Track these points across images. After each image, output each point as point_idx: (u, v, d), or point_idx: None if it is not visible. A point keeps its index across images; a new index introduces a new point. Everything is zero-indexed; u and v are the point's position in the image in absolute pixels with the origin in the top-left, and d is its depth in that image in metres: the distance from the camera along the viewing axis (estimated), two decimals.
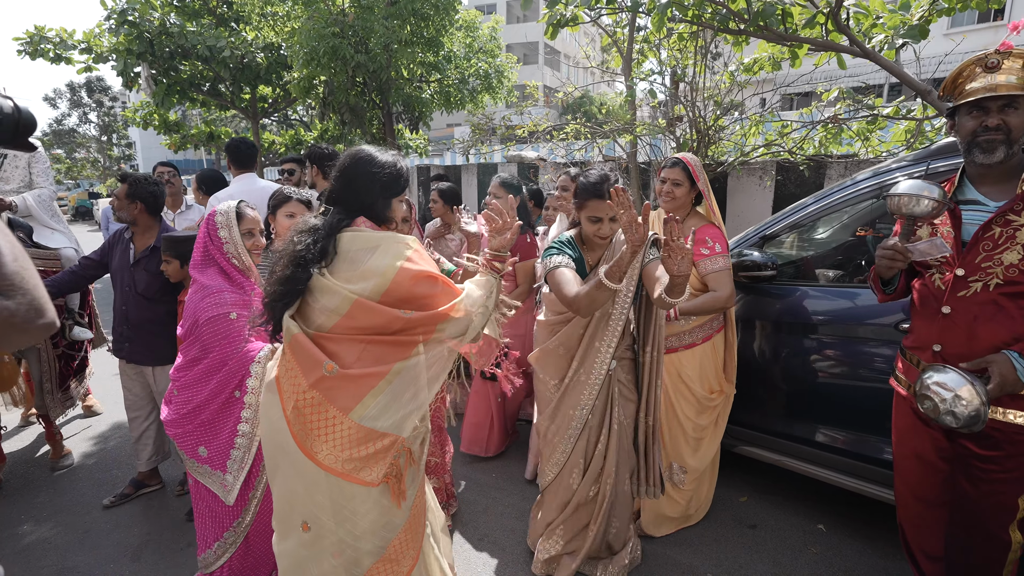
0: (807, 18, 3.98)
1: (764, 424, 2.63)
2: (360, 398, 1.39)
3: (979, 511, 1.68)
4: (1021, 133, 1.57)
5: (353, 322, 1.41)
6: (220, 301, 1.87)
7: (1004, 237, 1.58)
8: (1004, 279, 1.57)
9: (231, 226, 1.97)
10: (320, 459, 1.39)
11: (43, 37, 9.06)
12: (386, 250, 1.44)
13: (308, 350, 1.40)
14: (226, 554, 1.97)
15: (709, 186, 2.41)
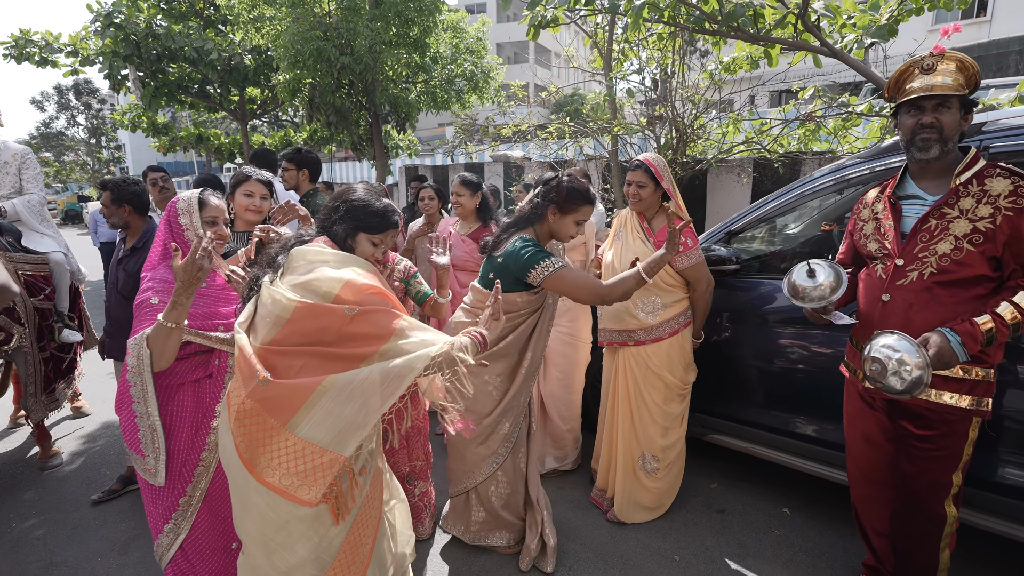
0: (778, 19, 4.10)
1: (732, 413, 2.73)
2: (295, 409, 1.34)
3: (917, 488, 1.79)
4: (954, 131, 1.68)
5: (295, 327, 1.38)
6: (147, 288, 1.82)
7: (939, 229, 1.69)
8: (937, 268, 1.67)
9: (192, 212, 1.90)
10: (259, 472, 1.35)
11: (28, 40, 9.05)
12: (337, 263, 1.48)
13: (247, 360, 1.39)
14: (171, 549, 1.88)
15: (674, 184, 2.49)
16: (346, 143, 9.46)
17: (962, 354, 1.56)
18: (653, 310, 2.46)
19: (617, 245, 2.61)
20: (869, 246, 1.87)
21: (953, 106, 1.67)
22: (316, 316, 1.38)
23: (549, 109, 8.62)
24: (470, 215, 3.28)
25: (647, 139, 5.70)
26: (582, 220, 2.12)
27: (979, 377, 1.67)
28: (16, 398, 3.96)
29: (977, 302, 1.64)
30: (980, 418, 1.70)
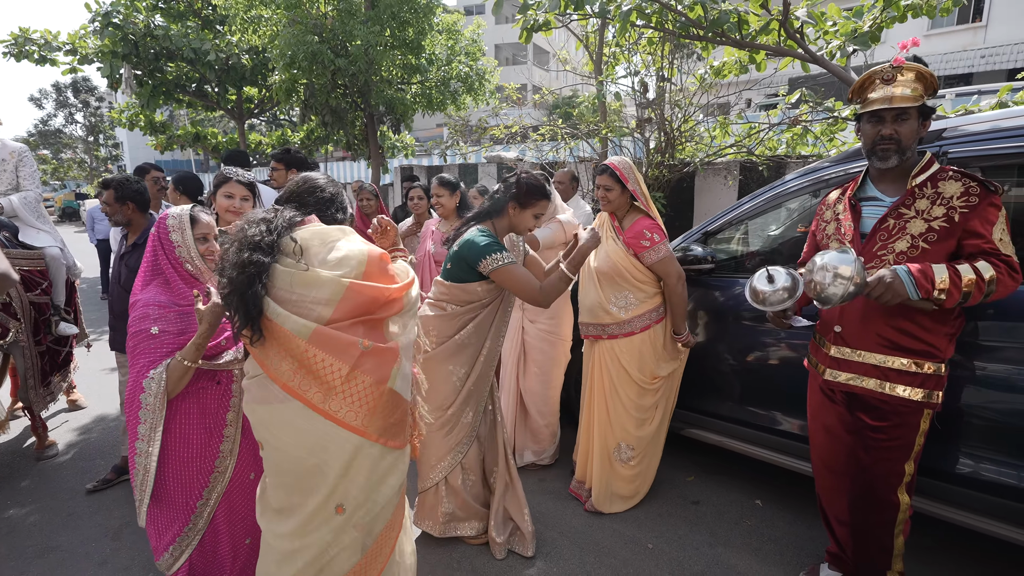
0: (762, 25, 4.20)
1: (707, 407, 2.82)
2: (391, 367, 1.54)
3: (873, 477, 1.89)
4: (912, 140, 1.78)
5: (349, 304, 1.50)
6: (143, 315, 1.82)
7: (896, 228, 1.79)
8: (894, 264, 1.77)
9: (184, 229, 1.89)
10: (371, 433, 1.51)
11: (28, 39, 9.12)
12: (350, 240, 1.58)
13: (335, 336, 1.47)
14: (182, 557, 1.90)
15: (641, 185, 2.58)
16: (342, 143, 9.55)
17: (911, 288, 1.63)
18: (625, 305, 2.56)
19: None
20: (831, 246, 1.97)
21: (911, 116, 1.76)
22: (368, 292, 1.52)
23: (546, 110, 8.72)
24: (451, 214, 3.40)
25: (636, 142, 5.80)
26: (539, 214, 2.25)
27: (930, 371, 1.76)
28: (13, 391, 4.04)
29: None
30: (931, 410, 1.80)
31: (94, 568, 2.40)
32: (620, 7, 4.19)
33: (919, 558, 2.28)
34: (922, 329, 1.75)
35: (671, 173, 5.32)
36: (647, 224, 2.50)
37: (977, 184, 1.69)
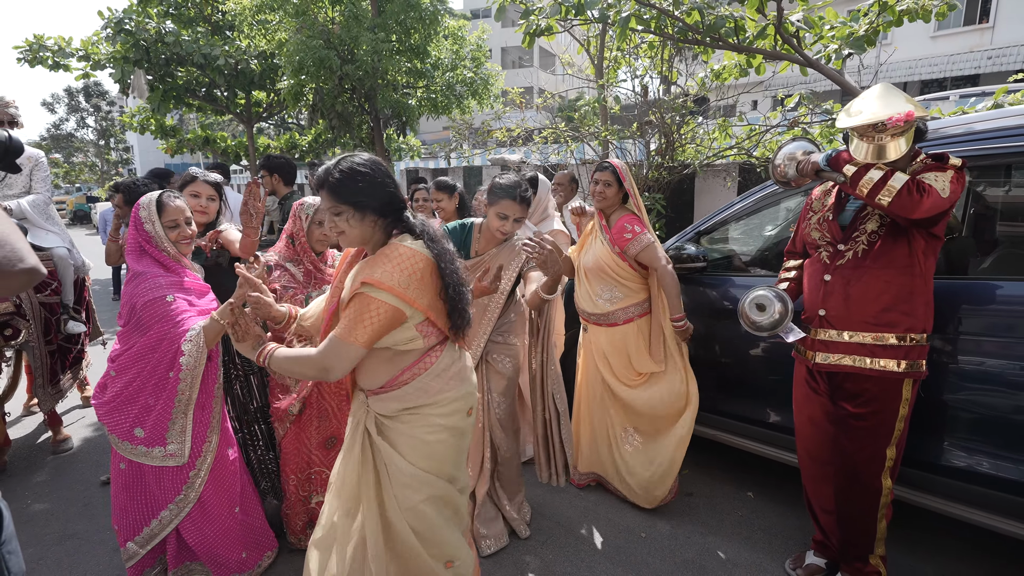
0: (758, 30, 4.28)
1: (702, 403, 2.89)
2: None
3: (856, 463, 1.97)
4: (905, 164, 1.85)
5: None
6: (156, 284, 1.95)
7: (870, 212, 1.91)
8: (868, 244, 1.89)
9: (153, 220, 2.00)
10: None
11: (42, 45, 9.31)
12: None
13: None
14: (162, 533, 2.04)
15: (635, 186, 2.68)
16: (349, 146, 9.68)
17: (824, 160, 1.91)
18: (611, 298, 2.65)
19: (587, 242, 2.82)
20: (812, 235, 2.07)
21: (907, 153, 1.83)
22: None
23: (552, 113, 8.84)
24: (452, 216, 3.51)
25: (637, 144, 5.89)
26: (504, 213, 2.24)
27: (913, 343, 1.86)
28: (29, 388, 4.18)
29: (901, 271, 1.84)
30: (915, 381, 1.88)
31: (109, 554, 2.50)
32: (619, 12, 4.28)
33: (901, 547, 2.35)
34: (899, 301, 1.85)
35: (671, 175, 5.40)
36: (628, 218, 2.59)
37: (930, 157, 1.81)
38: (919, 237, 1.82)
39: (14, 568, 1.08)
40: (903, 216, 1.74)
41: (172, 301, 1.94)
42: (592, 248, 2.72)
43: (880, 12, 4.18)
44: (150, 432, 1.97)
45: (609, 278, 2.64)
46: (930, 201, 1.68)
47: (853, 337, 1.93)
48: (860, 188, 1.78)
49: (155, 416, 1.96)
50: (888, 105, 1.77)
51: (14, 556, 1.09)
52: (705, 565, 2.34)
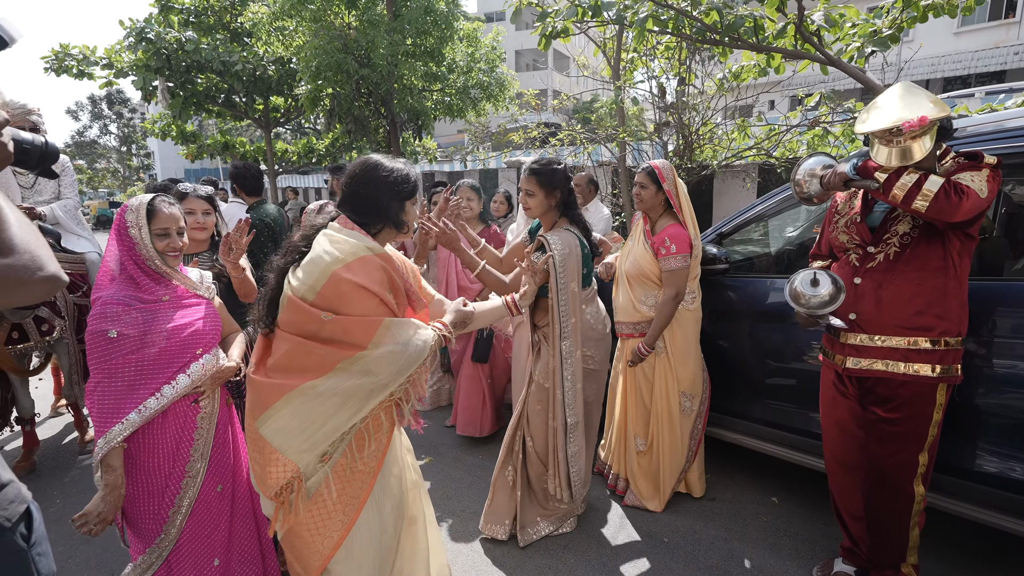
0: (778, 29, 4.23)
1: (723, 405, 2.86)
2: (264, 408, 1.43)
3: (887, 469, 1.92)
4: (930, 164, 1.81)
5: (286, 317, 1.47)
6: (102, 313, 1.62)
7: (900, 213, 1.87)
8: (899, 246, 1.85)
9: (141, 226, 1.71)
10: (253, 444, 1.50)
11: (67, 54, 9.53)
12: (337, 249, 1.46)
13: (258, 349, 1.54)
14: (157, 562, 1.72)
15: (676, 188, 2.63)
16: (365, 150, 9.77)
17: (851, 170, 1.82)
18: (654, 304, 2.63)
19: (628, 246, 2.81)
20: (840, 237, 2.03)
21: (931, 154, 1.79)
22: (297, 312, 1.44)
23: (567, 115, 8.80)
24: (476, 217, 3.53)
25: (655, 145, 5.85)
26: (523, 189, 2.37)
27: (948, 347, 1.82)
28: (56, 389, 4.26)
29: (935, 273, 1.79)
30: (949, 386, 1.83)
31: None
32: (636, 14, 4.26)
33: (931, 553, 2.29)
34: (933, 304, 1.80)
35: (689, 176, 5.35)
36: (672, 232, 2.56)
37: (964, 156, 1.76)
38: (954, 238, 1.78)
39: (44, 570, 1.09)
40: (942, 220, 1.68)
41: (114, 339, 1.61)
42: (633, 252, 2.70)
43: (904, 8, 4.12)
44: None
45: (650, 282, 2.63)
46: (969, 203, 1.64)
47: (885, 341, 1.88)
48: (894, 194, 1.73)
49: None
50: (908, 106, 1.71)
51: (44, 558, 1.10)
52: (730, 571, 2.30)
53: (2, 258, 0.88)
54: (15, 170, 3.45)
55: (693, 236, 2.60)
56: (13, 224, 0.91)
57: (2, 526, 1.00)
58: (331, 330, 1.42)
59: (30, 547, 1.06)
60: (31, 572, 1.05)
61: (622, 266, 2.78)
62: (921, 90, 1.77)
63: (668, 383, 2.67)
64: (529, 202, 2.37)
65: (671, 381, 2.67)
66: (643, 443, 2.73)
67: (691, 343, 2.68)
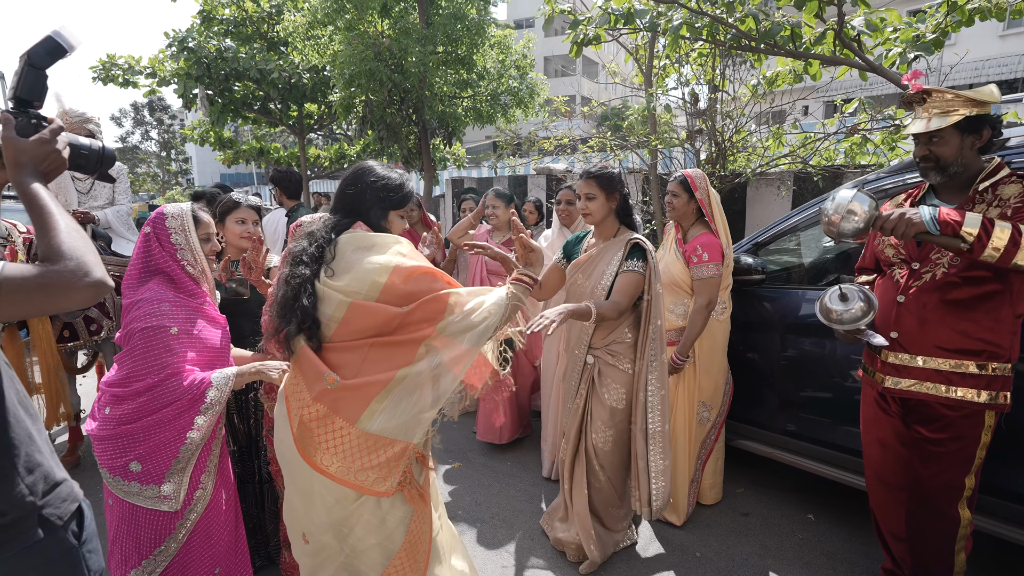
0: (816, 36, 4.15)
1: (757, 418, 2.81)
2: (365, 406, 1.40)
3: (931, 490, 1.86)
4: (953, 157, 1.76)
5: (351, 326, 1.43)
6: (158, 311, 1.63)
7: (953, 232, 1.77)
8: (949, 268, 1.77)
9: (188, 231, 1.76)
10: (332, 472, 1.41)
11: (114, 64, 9.94)
12: (381, 248, 1.47)
13: (312, 363, 1.43)
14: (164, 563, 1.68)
15: (709, 197, 2.61)
16: (396, 156, 9.90)
17: (931, 223, 1.61)
18: (684, 313, 2.60)
19: (659, 254, 2.80)
20: (887, 252, 1.97)
21: (947, 136, 1.75)
22: (371, 314, 1.42)
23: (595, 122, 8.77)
24: (504, 225, 3.55)
25: (687, 153, 5.79)
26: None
27: (996, 372, 1.74)
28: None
29: (988, 297, 1.72)
30: (997, 412, 1.76)
31: None
32: (670, 21, 4.23)
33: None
34: (982, 328, 1.73)
35: (722, 184, 5.28)
36: (704, 240, 2.53)
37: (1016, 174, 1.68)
38: None
39: (94, 566, 1.12)
40: None
41: (177, 335, 1.65)
42: (664, 260, 2.69)
43: (948, 13, 4.00)
44: (149, 468, 1.62)
45: (683, 292, 2.61)
46: None
47: (928, 363, 1.81)
48: (988, 254, 1.57)
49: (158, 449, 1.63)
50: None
51: (94, 555, 1.13)
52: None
53: (51, 264, 0.91)
54: (74, 175, 3.62)
55: (725, 245, 2.57)
56: (62, 231, 0.95)
57: (54, 524, 1.03)
58: (410, 318, 1.43)
59: (81, 544, 1.08)
60: (82, 569, 1.08)
61: None
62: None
63: (690, 391, 2.65)
64: (590, 206, 2.24)
65: (693, 389, 2.65)
66: None
67: (718, 353, 2.65)
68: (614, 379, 2.24)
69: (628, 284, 2.14)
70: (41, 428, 1.09)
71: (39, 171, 1.05)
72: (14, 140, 1.03)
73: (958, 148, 1.75)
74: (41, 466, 1.04)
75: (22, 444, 1.01)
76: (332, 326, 1.44)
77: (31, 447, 1.03)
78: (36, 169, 1.04)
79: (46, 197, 1.00)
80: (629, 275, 2.16)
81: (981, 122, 1.74)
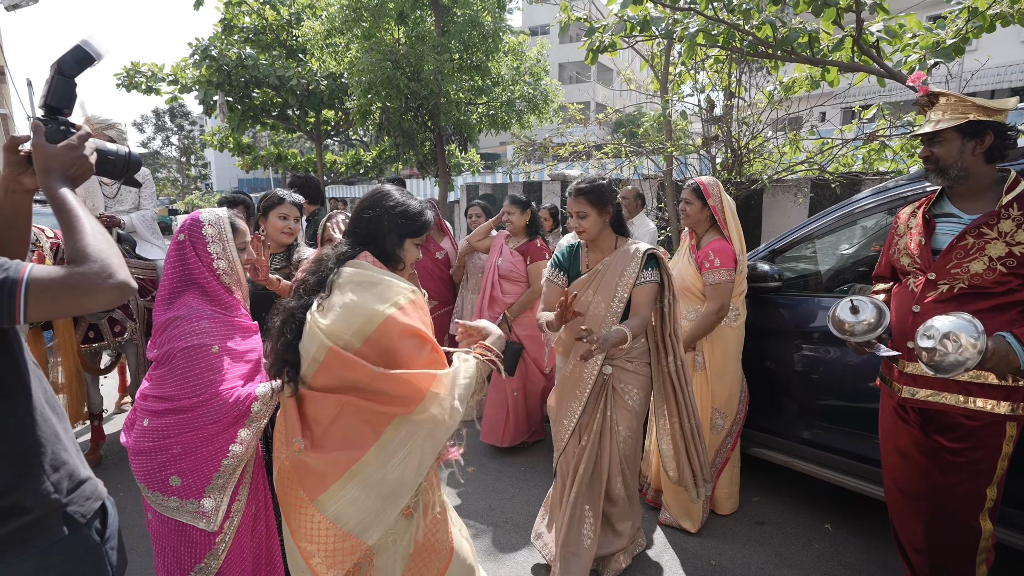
0: (834, 42, 4.13)
1: (773, 426, 2.79)
2: (325, 487, 1.30)
3: (950, 501, 1.83)
4: (951, 160, 1.76)
5: (329, 373, 1.32)
6: (197, 329, 1.56)
7: (975, 248, 1.75)
8: (969, 285, 1.74)
9: (226, 240, 1.68)
10: (294, 532, 1.34)
11: (138, 71, 10.18)
12: (382, 292, 1.35)
13: (289, 416, 1.36)
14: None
15: (722, 204, 2.61)
16: (411, 162, 10.01)
17: (1022, 354, 1.56)
18: (696, 319, 2.60)
19: (673, 260, 2.83)
20: (902, 260, 1.95)
21: (946, 138, 1.74)
22: (346, 367, 1.29)
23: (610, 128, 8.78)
24: (520, 231, 3.58)
25: (702, 159, 5.78)
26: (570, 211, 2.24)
27: (1018, 383, 1.70)
28: (121, 387, 4.51)
29: (1006, 310, 1.69)
30: (1019, 423, 1.73)
31: None
32: (687, 28, 4.24)
33: None
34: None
35: (738, 190, 5.26)
36: (716, 246, 2.54)
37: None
38: None
39: (116, 563, 1.15)
40: None
41: (218, 352, 1.58)
42: (678, 266, 2.71)
43: (969, 19, 3.96)
44: (189, 482, 1.57)
45: (695, 297, 2.62)
46: None
47: None
48: None
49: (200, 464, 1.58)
50: None
51: (117, 552, 1.16)
52: None
53: (76, 266, 0.94)
54: (101, 180, 3.72)
55: (738, 251, 2.57)
56: (88, 234, 0.98)
57: (78, 522, 1.06)
58: (384, 385, 1.29)
59: (104, 542, 1.12)
60: (105, 566, 1.11)
61: None
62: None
63: (702, 398, 2.65)
64: (583, 224, 2.17)
65: (705, 396, 2.65)
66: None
67: (731, 360, 2.65)
68: (633, 383, 2.26)
69: (650, 296, 2.14)
70: (67, 427, 1.12)
71: (67, 176, 1.08)
72: (44, 146, 1.06)
73: (958, 151, 1.74)
74: (66, 464, 1.07)
75: (48, 443, 1.04)
76: (313, 367, 1.33)
77: (57, 445, 1.06)
78: (64, 174, 1.07)
79: (73, 201, 1.03)
80: (648, 286, 2.14)
81: (984, 127, 1.72)
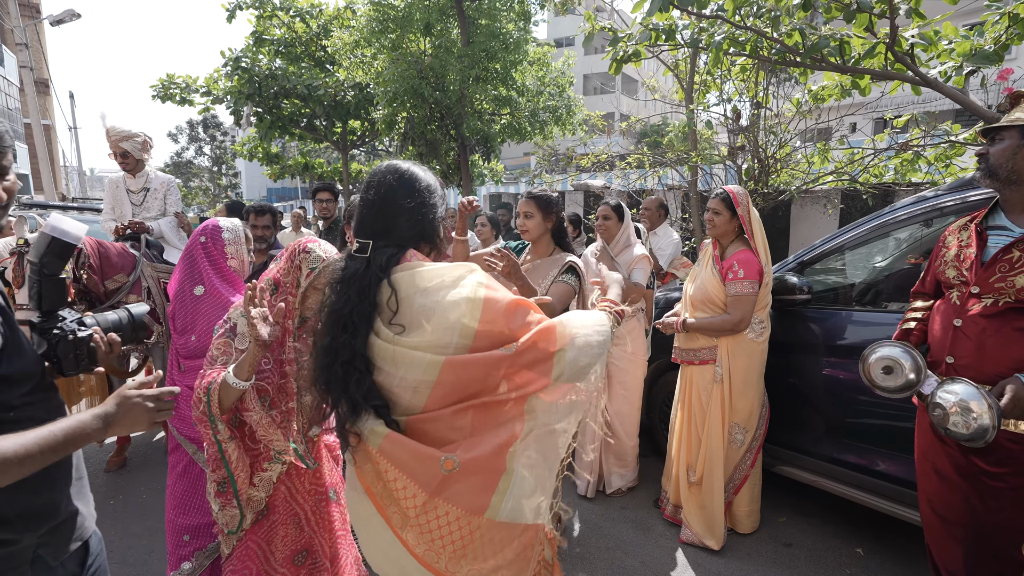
0: (866, 49, 4.03)
1: (801, 444, 2.69)
2: (492, 489, 1.08)
3: (989, 529, 1.73)
4: (1002, 160, 1.67)
5: (448, 388, 1.09)
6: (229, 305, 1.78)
7: (1020, 262, 1.66)
8: (1015, 300, 1.65)
9: (240, 243, 1.95)
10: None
11: (172, 83, 10.50)
12: (455, 282, 1.12)
13: (414, 451, 1.09)
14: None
15: (750, 215, 2.55)
16: (435, 171, 10.12)
17: None
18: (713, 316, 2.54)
19: (694, 271, 2.76)
20: (948, 272, 1.86)
21: (1005, 136, 1.67)
22: (470, 368, 1.09)
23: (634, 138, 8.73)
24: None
25: (728, 169, 5.69)
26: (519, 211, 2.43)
27: None
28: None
29: None
30: None
31: None
32: (712, 36, 4.19)
33: None
34: None
35: (765, 201, 5.16)
36: (741, 257, 2.49)
37: None
38: None
39: None
40: None
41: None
42: (700, 276, 2.65)
43: (1009, 25, 3.83)
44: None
45: (716, 308, 2.55)
46: None
47: None
48: None
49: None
50: None
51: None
52: None
53: None
54: (128, 188, 3.82)
55: (764, 263, 2.50)
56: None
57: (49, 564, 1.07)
58: (518, 360, 1.10)
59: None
60: None
61: (687, 291, 2.74)
62: None
63: (723, 412, 2.58)
64: (527, 224, 2.42)
65: (726, 411, 2.58)
66: (694, 475, 2.63)
67: (753, 375, 2.56)
68: None
69: (561, 293, 2.26)
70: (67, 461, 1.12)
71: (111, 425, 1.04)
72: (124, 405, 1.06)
73: (1012, 151, 1.65)
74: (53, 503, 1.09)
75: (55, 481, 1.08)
76: (424, 391, 1.10)
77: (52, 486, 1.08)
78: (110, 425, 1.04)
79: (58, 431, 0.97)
80: (562, 285, 2.27)
81: None
